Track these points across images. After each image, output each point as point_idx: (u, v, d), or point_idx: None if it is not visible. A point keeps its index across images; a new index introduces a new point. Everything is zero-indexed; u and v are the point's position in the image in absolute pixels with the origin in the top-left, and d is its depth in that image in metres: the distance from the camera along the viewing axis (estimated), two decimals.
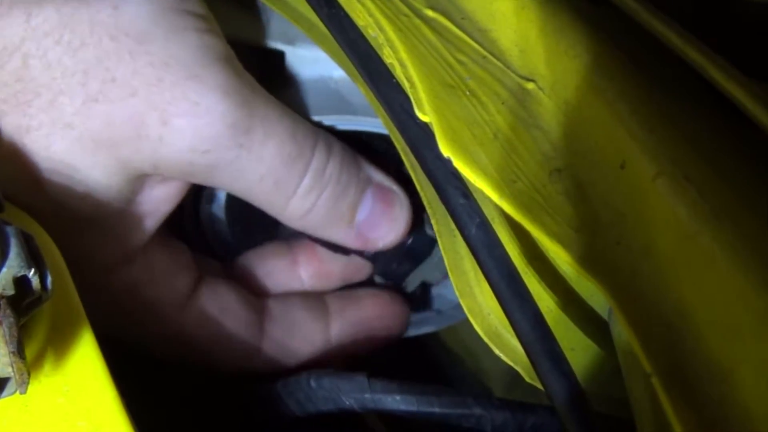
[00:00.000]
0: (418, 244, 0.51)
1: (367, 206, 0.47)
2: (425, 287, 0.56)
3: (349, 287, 0.53)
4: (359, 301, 0.52)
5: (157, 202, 0.43)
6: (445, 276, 0.54)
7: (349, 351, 0.51)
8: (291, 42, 0.49)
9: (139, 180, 0.41)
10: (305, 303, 0.50)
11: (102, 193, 0.40)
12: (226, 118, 0.40)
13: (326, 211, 0.45)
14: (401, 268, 0.53)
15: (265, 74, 0.48)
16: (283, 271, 0.51)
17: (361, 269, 0.52)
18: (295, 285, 0.51)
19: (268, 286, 0.51)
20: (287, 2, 0.46)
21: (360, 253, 0.51)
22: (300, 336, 0.49)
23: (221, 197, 0.51)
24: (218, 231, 0.52)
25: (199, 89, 0.39)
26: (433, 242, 0.51)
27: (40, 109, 0.38)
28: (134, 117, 0.39)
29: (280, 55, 0.50)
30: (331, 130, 0.47)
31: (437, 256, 0.52)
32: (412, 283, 0.54)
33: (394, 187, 0.48)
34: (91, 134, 0.39)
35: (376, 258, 0.51)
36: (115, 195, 0.40)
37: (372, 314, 0.52)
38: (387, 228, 0.48)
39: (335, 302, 0.51)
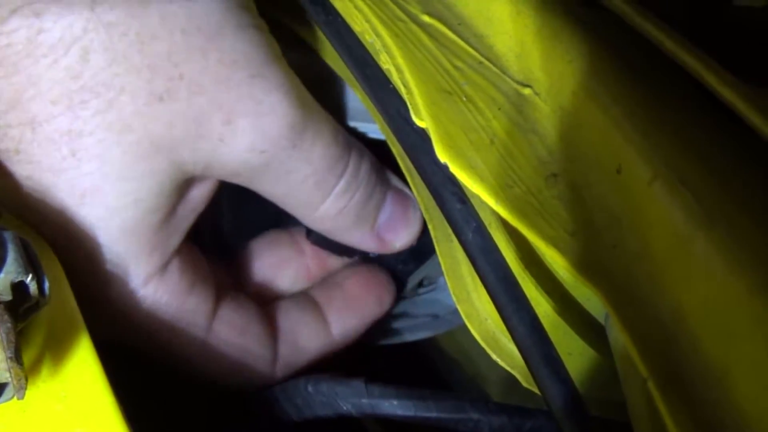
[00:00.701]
0: (423, 243, 0.51)
1: (387, 209, 0.47)
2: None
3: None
4: (341, 286, 0.51)
5: (193, 208, 0.42)
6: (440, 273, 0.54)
7: (351, 334, 0.50)
8: (289, 48, 0.49)
9: (187, 183, 0.40)
10: (300, 303, 0.50)
11: (149, 202, 0.38)
12: (288, 117, 0.39)
13: (356, 213, 0.45)
14: (406, 268, 0.53)
15: None
16: (291, 261, 0.50)
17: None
18: (302, 274, 0.50)
19: (278, 276, 0.50)
20: (286, 8, 0.46)
21: (365, 255, 0.51)
22: (307, 336, 0.49)
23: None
24: (216, 222, 0.52)
25: (264, 87, 0.38)
26: None
27: (97, 111, 0.35)
28: (199, 116, 0.37)
29: None
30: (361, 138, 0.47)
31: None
32: (413, 280, 0.54)
33: (408, 191, 0.48)
34: (150, 137, 0.36)
35: (381, 259, 0.52)
36: (162, 203, 0.39)
37: (358, 292, 0.51)
38: (404, 231, 0.48)
39: (321, 294, 0.50)
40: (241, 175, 0.40)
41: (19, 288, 0.30)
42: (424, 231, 0.50)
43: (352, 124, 0.48)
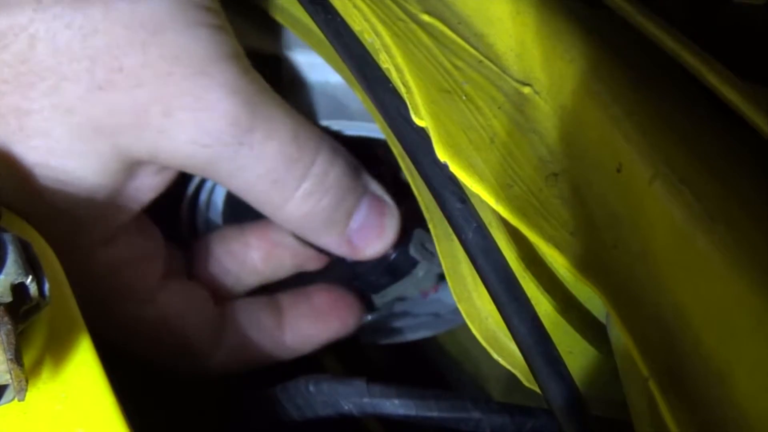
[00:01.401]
0: (400, 261, 0.51)
1: (361, 215, 0.47)
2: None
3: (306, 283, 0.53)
4: (309, 296, 0.52)
5: (146, 190, 0.43)
6: (422, 294, 0.55)
7: (305, 343, 0.51)
8: (288, 47, 0.49)
9: (134, 167, 0.41)
10: (259, 302, 0.51)
11: (94, 178, 0.40)
12: (229, 115, 0.40)
13: (324, 217, 0.45)
14: (379, 281, 0.53)
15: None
16: (236, 254, 0.50)
17: (315, 259, 0.52)
18: (248, 267, 0.51)
19: (225, 268, 0.50)
20: (284, 8, 0.46)
21: (342, 259, 0.51)
22: (257, 333, 0.50)
23: (220, 191, 0.51)
24: (211, 219, 0.53)
25: (205, 85, 0.39)
26: (415, 263, 0.52)
27: (42, 93, 0.37)
28: (138, 107, 0.38)
29: (276, 61, 0.50)
30: (336, 136, 0.47)
31: (417, 275, 0.53)
32: (386, 296, 0.54)
33: (387, 198, 0.48)
34: (91, 121, 0.38)
35: (356, 265, 0.51)
36: (107, 181, 0.40)
37: (324, 307, 0.52)
38: (376, 238, 0.48)
39: (287, 298, 0.51)
40: (193, 167, 0.42)
41: (19, 289, 0.30)
42: (405, 249, 0.51)
43: (324, 123, 0.48)
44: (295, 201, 0.44)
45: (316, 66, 0.48)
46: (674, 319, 0.27)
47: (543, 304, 0.35)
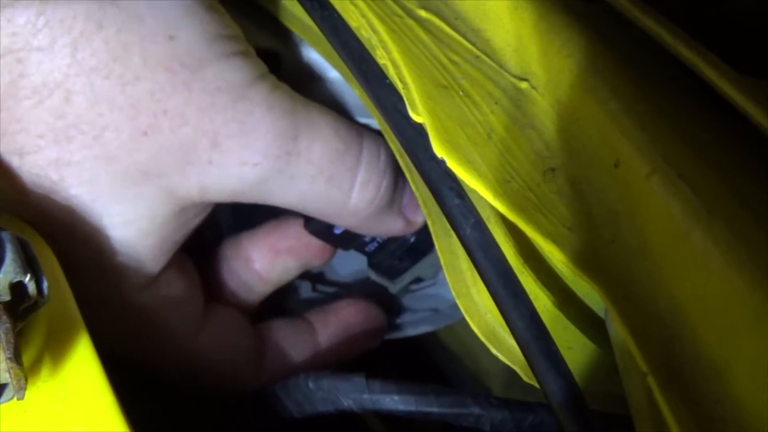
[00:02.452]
0: (420, 242, 0.51)
1: (407, 188, 0.47)
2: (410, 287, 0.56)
3: (328, 300, 0.54)
4: (338, 312, 0.52)
5: (188, 228, 0.43)
6: (438, 272, 0.55)
7: (339, 361, 0.52)
8: (286, 44, 0.49)
9: (178, 205, 0.40)
10: (293, 324, 0.51)
11: (140, 223, 0.39)
12: (273, 129, 0.40)
13: (387, 199, 0.45)
14: (401, 265, 0.53)
15: None
16: (240, 272, 0.50)
17: (320, 254, 0.52)
18: (255, 281, 0.50)
19: (233, 289, 0.50)
20: (282, 5, 0.46)
21: (361, 249, 0.51)
22: (296, 355, 0.50)
23: None
24: (215, 218, 0.53)
25: (246, 109, 0.39)
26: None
27: (82, 144, 0.37)
28: (185, 145, 0.38)
29: (274, 57, 0.50)
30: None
31: (435, 252, 0.52)
32: (404, 279, 0.54)
33: None
34: (137, 166, 0.38)
35: (374, 255, 0.51)
36: (153, 225, 0.40)
37: (353, 321, 0.52)
38: (419, 207, 0.47)
39: (317, 317, 0.52)
40: (245, 192, 0.41)
41: (17, 288, 0.30)
42: (423, 228, 0.51)
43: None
44: (356, 192, 0.44)
45: (313, 62, 0.48)
46: (672, 315, 0.27)
47: (541, 300, 0.35)
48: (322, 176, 0.42)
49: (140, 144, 0.37)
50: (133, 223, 0.39)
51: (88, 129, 0.36)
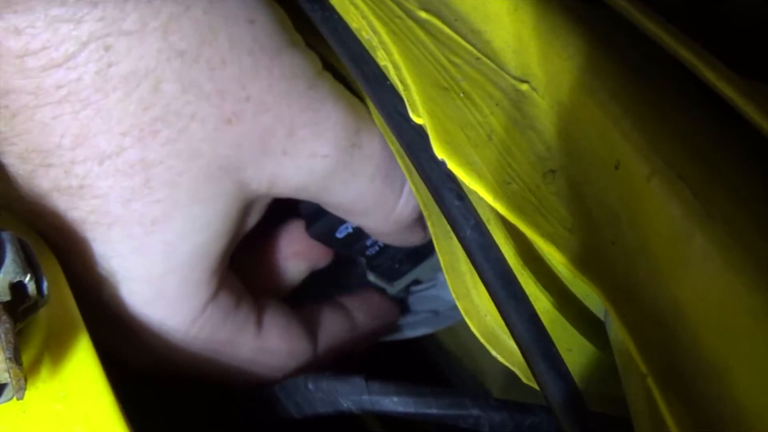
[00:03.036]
0: (420, 246, 0.51)
1: None
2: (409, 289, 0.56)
3: (342, 287, 0.54)
4: (367, 298, 0.53)
5: (249, 227, 0.42)
6: (436, 273, 0.55)
7: (369, 342, 0.53)
8: None
9: (249, 205, 0.40)
10: (332, 306, 0.51)
11: (219, 224, 0.38)
12: (341, 119, 0.40)
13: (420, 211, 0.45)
14: (401, 268, 0.53)
15: None
16: (255, 284, 0.48)
17: (324, 255, 0.51)
18: (270, 290, 0.49)
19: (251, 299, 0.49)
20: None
21: (362, 252, 0.51)
22: (338, 335, 0.50)
23: None
24: None
25: (318, 97, 0.39)
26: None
27: (168, 139, 0.35)
28: (264, 134, 0.37)
29: None
30: None
31: (435, 256, 0.53)
32: (402, 282, 0.54)
33: None
34: (219, 160, 0.36)
35: (374, 258, 0.52)
36: (230, 225, 0.39)
37: (380, 307, 0.53)
38: None
39: (350, 301, 0.52)
40: (309, 186, 0.40)
41: (17, 288, 0.30)
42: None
43: None
44: (403, 198, 0.44)
45: None
46: (672, 316, 0.27)
47: (541, 301, 0.35)
48: (380, 174, 0.42)
49: (224, 134, 0.36)
50: (210, 225, 0.38)
51: (174, 120, 0.35)
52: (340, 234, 0.49)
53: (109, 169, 0.35)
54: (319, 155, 0.39)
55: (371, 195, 0.43)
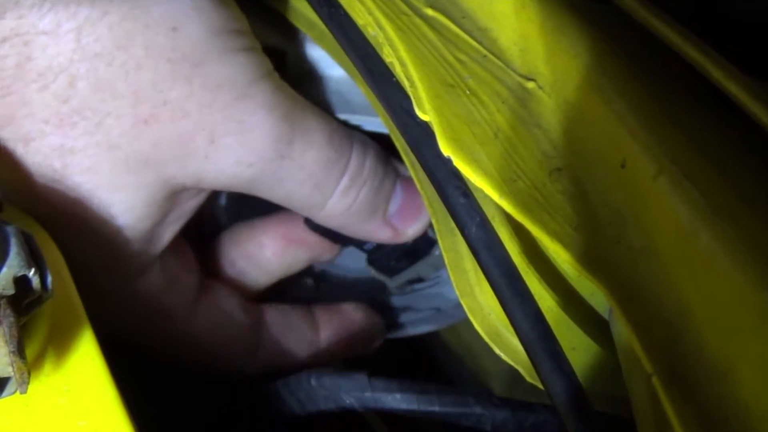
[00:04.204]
0: (418, 243, 0.51)
1: (397, 199, 0.48)
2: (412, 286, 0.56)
3: (332, 301, 0.54)
4: (343, 312, 0.53)
5: (186, 213, 0.43)
6: (438, 271, 0.55)
7: (334, 357, 0.52)
8: (291, 41, 0.49)
9: (177, 193, 0.41)
10: (296, 312, 0.51)
11: (140, 209, 0.40)
12: (272, 132, 0.40)
13: (364, 206, 0.46)
14: (398, 265, 0.53)
15: None
16: (252, 255, 0.51)
17: (328, 249, 0.52)
18: (264, 266, 0.51)
19: (241, 270, 0.51)
20: (287, 1, 0.46)
21: (360, 246, 0.51)
22: (293, 339, 0.50)
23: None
24: (215, 213, 0.53)
25: (247, 108, 0.39)
26: (432, 243, 0.52)
27: (85, 131, 0.37)
28: (183, 138, 0.38)
29: (280, 55, 0.50)
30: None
31: (434, 254, 0.53)
32: (403, 277, 0.54)
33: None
34: (137, 155, 0.38)
35: (373, 253, 0.52)
36: (152, 210, 0.40)
37: (355, 323, 0.53)
38: (414, 219, 0.49)
39: (323, 312, 0.52)
40: (237, 185, 0.42)
41: (21, 282, 0.30)
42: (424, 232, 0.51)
43: (342, 116, 0.48)
44: (335, 198, 0.44)
45: (319, 59, 0.48)
46: (678, 316, 0.27)
47: (546, 300, 0.35)
48: (311, 182, 0.43)
49: (141, 132, 0.38)
50: (132, 210, 0.40)
51: (91, 115, 0.37)
52: None
53: (32, 150, 0.37)
54: (244, 163, 0.40)
55: (299, 197, 0.43)
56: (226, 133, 0.39)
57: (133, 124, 0.37)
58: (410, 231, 0.49)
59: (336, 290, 0.57)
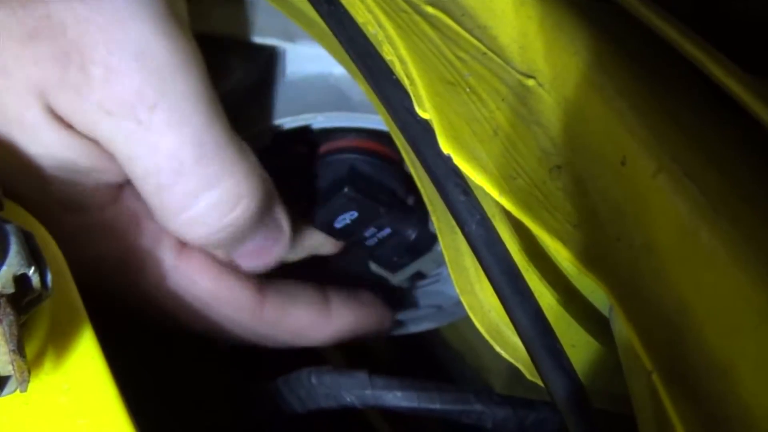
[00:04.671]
0: (420, 239, 0.51)
1: (251, 244, 0.44)
2: (414, 282, 0.56)
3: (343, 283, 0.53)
4: (354, 292, 0.51)
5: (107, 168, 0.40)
6: (439, 267, 0.55)
7: (346, 331, 0.50)
8: (291, 39, 0.49)
9: (92, 148, 0.38)
10: (306, 285, 0.49)
11: (54, 148, 0.38)
12: (135, 79, 0.37)
13: (210, 245, 0.43)
14: (400, 261, 0.53)
15: (265, 71, 0.49)
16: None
17: (332, 243, 0.51)
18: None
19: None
20: None
21: (361, 243, 0.51)
22: (302, 304, 0.47)
23: None
24: None
25: (118, 39, 0.36)
26: (434, 239, 0.52)
27: None
28: (60, 58, 0.36)
29: (280, 53, 0.50)
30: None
31: (436, 249, 0.53)
32: (405, 272, 0.54)
33: (285, 224, 0.45)
34: (24, 81, 0.36)
35: (375, 248, 0.52)
36: (65, 154, 0.38)
37: (367, 303, 0.51)
38: (257, 261, 0.46)
39: (332, 289, 0.50)
40: (100, 138, 0.38)
41: (21, 280, 0.30)
42: (425, 227, 0.51)
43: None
44: (179, 222, 0.40)
45: (319, 58, 0.48)
46: (678, 313, 0.27)
47: (546, 297, 0.35)
48: (154, 179, 0.39)
49: (27, 50, 0.36)
50: (45, 150, 0.38)
51: None
52: (339, 224, 0.50)
53: None
54: (103, 108, 0.37)
55: (143, 192, 0.40)
56: (94, 61, 0.36)
57: (21, 39, 0.36)
58: (246, 267, 0.46)
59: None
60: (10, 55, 0.36)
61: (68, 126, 0.38)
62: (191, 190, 0.39)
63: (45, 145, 0.38)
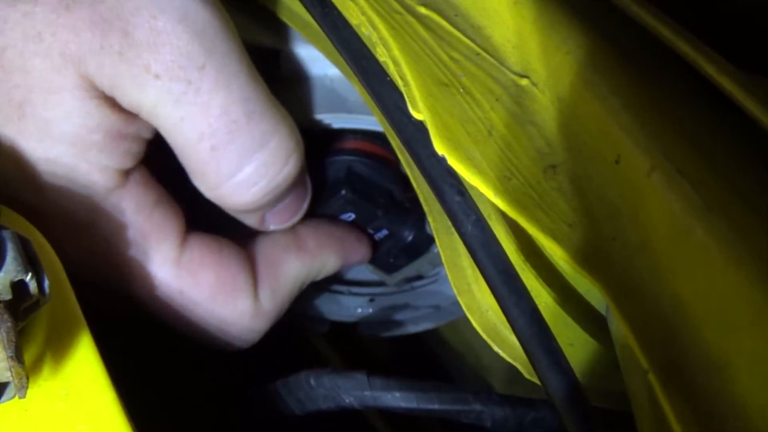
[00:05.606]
0: (417, 241, 0.51)
1: (283, 204, 0.45)
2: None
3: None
4: (326, 225, 0.50)
5: (134, 131, 0.40)
6: (437, 268, 0.55)
7: (329, 264, 0.49)
8: (286, 41, 0.49)
9: (107, 106, 0.38)
10: (279, 234, 0.47)
11: (78, 116, 0.37)
12: (183, 42, 0.37)
13: (257, 206, 0.42)
14: (397, 262, 0.53)
15: (260, 73, 0.48)
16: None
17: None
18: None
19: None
20: (282, 1, 0.46)
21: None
22: (285, 262, 0.47)
23: None
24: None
25: (162, 5, 0.37)
26: (431, 240, 0.52)
27: (15, 22, 0.36)
28: (99, 24, 0.36)
29: (274, 54, 0.50)
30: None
31: (432, 251, 0.53)
32: (402, 274, 0.54)
33: (309, 185, 0.46)
34: (59, 48, 0.36)
35: (373, 250, 0.52)
36: (93, 121, 0.38)
37: (342, 235, 0.50)
38: (286, 221, 0.46)
39: (304, 228, 0.48)
40: (145, 106, 0.38)
41: (18, 287, 0.30)
42: (422, 229, 0.51)
43: (338, 115, 0.48)
44: (231, 186, 0.40)
45: (314, 59, 0.48)
46: (673, 311, 0.27)
47: (543, 296, 0.35)
48: (209, 140, 0.39)
49: (63, 18, 0.36)
50: (71, 115, 0.37)
51: (19, 4, 0.36)
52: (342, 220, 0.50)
53: None
54: (151, 72, 0.37)
55: (195, 158, 0.39)
56: (137, 26, 0.36)
57: (56, 8, 0.36)
58: (273, 227, 0.46)
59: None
60: (46, 24, 0.36)
61: (100, 95, 0.37)
62: (246, 148, 0.39)
63: (65, 111, 0.37)
